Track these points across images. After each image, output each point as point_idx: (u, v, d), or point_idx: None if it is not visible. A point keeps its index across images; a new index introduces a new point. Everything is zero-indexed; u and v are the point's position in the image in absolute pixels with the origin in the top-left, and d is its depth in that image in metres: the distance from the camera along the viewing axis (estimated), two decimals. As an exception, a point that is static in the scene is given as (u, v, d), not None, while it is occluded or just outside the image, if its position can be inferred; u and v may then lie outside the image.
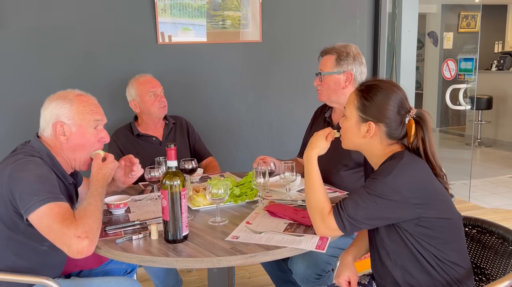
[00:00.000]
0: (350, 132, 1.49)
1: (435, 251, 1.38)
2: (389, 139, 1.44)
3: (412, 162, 1.38)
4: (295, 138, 3.24)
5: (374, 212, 1.35)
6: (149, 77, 2.55)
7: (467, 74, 4.80)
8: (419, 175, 1.37)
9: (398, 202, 1.33)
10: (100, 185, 1.59)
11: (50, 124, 1.60)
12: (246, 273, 2.98)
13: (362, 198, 1.36)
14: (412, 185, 1.34)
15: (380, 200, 1.33)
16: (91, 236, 1.36)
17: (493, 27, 9.03)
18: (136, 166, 1.85)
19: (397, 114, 1.42)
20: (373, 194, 1.34)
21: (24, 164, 1.49)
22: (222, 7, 2.94)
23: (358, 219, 1.37)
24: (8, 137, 2.65)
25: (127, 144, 2.51)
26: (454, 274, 1.41)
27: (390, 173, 1.34)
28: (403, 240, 1.40)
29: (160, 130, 2.59)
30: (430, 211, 1.36)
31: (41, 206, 1.39)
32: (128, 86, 2.54)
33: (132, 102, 2.53)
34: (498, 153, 6.66)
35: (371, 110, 1.43)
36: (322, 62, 2.17)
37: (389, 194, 1.33)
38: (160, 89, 2.52)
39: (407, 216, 1.35)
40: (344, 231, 1.40)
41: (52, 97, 1.65)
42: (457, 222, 1.45)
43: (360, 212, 1.36)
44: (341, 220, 1.39)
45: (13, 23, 2.62)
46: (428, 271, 1.40)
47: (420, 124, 1.41)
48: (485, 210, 4.22)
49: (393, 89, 1.44)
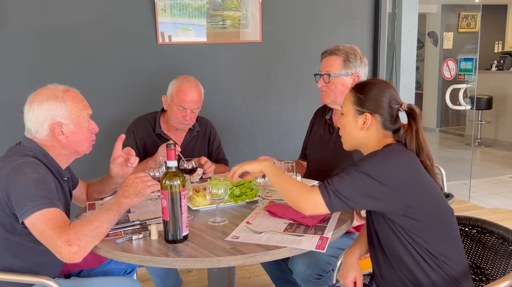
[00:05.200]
0: (348, 127, 1.55)
1: (427, 245, 1.40)
2: (384, 129, 1.51)
3: (400, 151, 1.45)
4: (295, 138, 3.25)
5: (360, 188, 1.38)
6: (191, 91, 2.30)
7: (467, 74, 4.80)
8: (404, 162, 1.41)
9: (383, 184, 1.36)
10: (120, 203, 1.51)
11: (46, 125, 1.59)
12: (246, 273, 2.98)
13: (349, 174, 1.40)
14: (397, 170, 1.39)
15: (366, 177, 1.37)
16: (83, 243, 1.35)
17: (493, 27, 9.03)
18: (132, 157, 1.86)
19: (390, 106, 1.50)
20: (360, 171, 1.39)
21: (21, 167, 1.49)
22: (222, 7, 2.94)
23: (343, 193, 1.39)
24: (8, 137, 2.64)
25: (145, 140, 2.39)
26: (449, 271, 1.41)
27: (377, 155, 1.42)
28: (396, 235, 1.42)
29: (181, 136, 2.45)
30: (415, 200, 1.38)
31: (35, 213, 1.39)
32: (173, 81, 2.37)
33: (164, 98, 2.39)
34: (498, 153, 6.66)
35: (367, 103, 1.51)
36: (328, 63, 2.11)
37: (375, 173, 1.37)
38: (195, 107, 2.32)
39: (392, 202, 1.38)
40: (329, 205, 1.39)
41: (37, 96, 1.60)
42: (447, 216, 1.46)
43: (346, 186, 1.39)
44: (327, 192, 1.40)
45: (13, 23, 2.62)
46: (423, 267, 1.41)
47: (413, 116, 1.49)
48: (485, 210, 4.22)
49: (385, 84, 1.55)
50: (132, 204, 1.55)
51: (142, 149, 2.39)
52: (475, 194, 4.68)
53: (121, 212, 1.50)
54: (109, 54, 2.80)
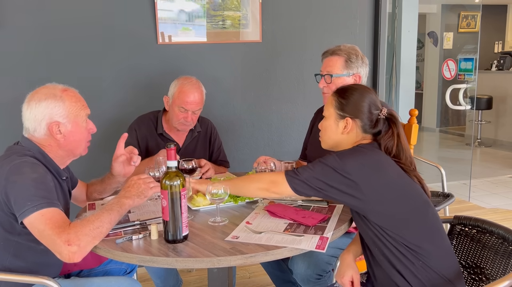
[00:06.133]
0: (329, 130, 1.61)
1: (404, 239, 1.42)
2: (364, 133, 1.56)
3: (368, 149, 1.50)
4: (295, 138, 3.24)
5: (318, 175, 1.46)
6: (193, 93, 2.28)
7: (467, 74, 4.80)
8: (369, 159, 1.46)
9: (345, 177, 1.41)
10: (121, 204, 1.51)
11: (44, 124, 1.59)
12: (246, 273, 2.98)
13: (313, 164, 1.50)
14: (360, 165, 1.43)
15: (327, 168, 1.44)
16: (82, 243, 1.35)
17: (493, 27, 9.03)
18: (135, 156, 1.86)
19: (370, 111, 1.54)
20: (323, 162, 1.47)
21: (20, 167, 1.49)
22: (222, 7, 2.94)
23: (304, 175, 1.47)
24: (6, 137, 2.64)
25: (147, 139, 2.39)
26: (433, 265, 1.42)
27: (343, 152, 1.49)
28: (373, 232, 1.46)
29: (182, 136, 2.44)
30: (380, 196, 1.42)
31: (34, 212, 1.39)
32: (174, 81, 2.35)
33: (166, 98, 2.38)
34: (498, 153, 6.66)
35: (348, 107, 1.56)
36: (330, 64, 2.09)
37: (337, 166, 1.43)
38: (196, 109, 2.31)
39: (354, 195, 1.42)
40: (290, 181, 1.49)
41: (36, 95, 1.60)
42: (421, 211, 1.48)
43: (306, 172, 1.48)
44: (291, 172, 1.51)
45: (12, 23, 2.62)
46: (404, 262, 1.43)
47: (393, 121, 1.54)
48: (485, 210, 4.22)
49: (366, 89, 1.59)
50: (134, 205, 1.55)
51: (144, 148, 2.39)
52: (475, 194, 4.68)
53: (122, 213, 1.51)
54: (109, 54, 2.80)
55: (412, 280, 1.43)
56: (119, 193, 1.57)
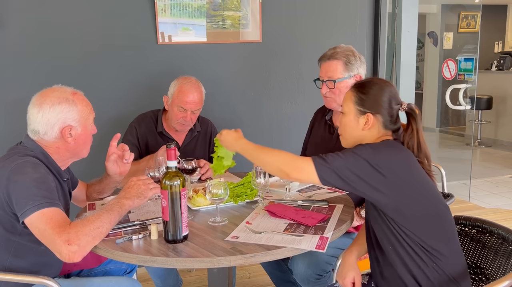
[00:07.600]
0: (349, 127, 1.54)
1: (420, 240, 1.40)
2: (385, 129, 1.51)
3: (397, 146, 1.46)
4: (295, 138, 3.24)
5: (352, 167, 1.37)
6: (192, 92, 2.29)
7: (467, 74, 4.80)
8: (399, 156, 1.42)
9: (377, 171, 1.36)
10: (121, 204, 1.51)
11: (56, 128, 1.60)
12: (246, 273, 2.98)
13: (344, 153, 1.41)
14: (392, 162, 1.39)
15: (361, 159, 1.37)
16: (82, 243, 1.36)
17: (493, 27, 9.03)
18: (127, 153, 1.86)
19: (391, 105, 1.49)
20: (356, 153, 1.40)
21: (22, 167, 1.49)
22: (222, 7, 2.94)
23: (336, 165, 1.38)
24: (8, 137, 2.64)
25: (147, 137, 2.39)
26: (445, 268, 1.41)
27: (375, 144, 1.44)
28: (390, 229, 1.43)
29: (182, 136, 2.44)
30: (406, 195, 1.39)
31: (35, 212, 1.39)
32: (174, 81, 2.36)
33: (165, 98, 2.39)
34: (498, 153, 6.66)
35: (368, 102, 1.50)
36: (330, 69, 2.07)
37: (370, 158, 1.37)
38: (196, 108, 2.31)
39: (382, 190, 1.37)
40: (319, 170, 1.39)
41: (48, 99, 1.59)
42: (442, 214, 1.47)
43: (339, 160, 1.39)
44: (320, 159, 1.41)
45: (12, 24, 2.62)
46: (417, 263, 1.41)
47: (413, 116, 1.49)
48: (485, 210, 4.22)
49: (386, 83, 1.54)
50: (133, 206, 1.56)
51: (144, 146, 2.39)
52: (475, 194, 4.68)
53: (122, 213, 1.51)
54: (109, 54, 2.80)
55: (423, 281, 1.42)
56: (119, 194, 1.58)
